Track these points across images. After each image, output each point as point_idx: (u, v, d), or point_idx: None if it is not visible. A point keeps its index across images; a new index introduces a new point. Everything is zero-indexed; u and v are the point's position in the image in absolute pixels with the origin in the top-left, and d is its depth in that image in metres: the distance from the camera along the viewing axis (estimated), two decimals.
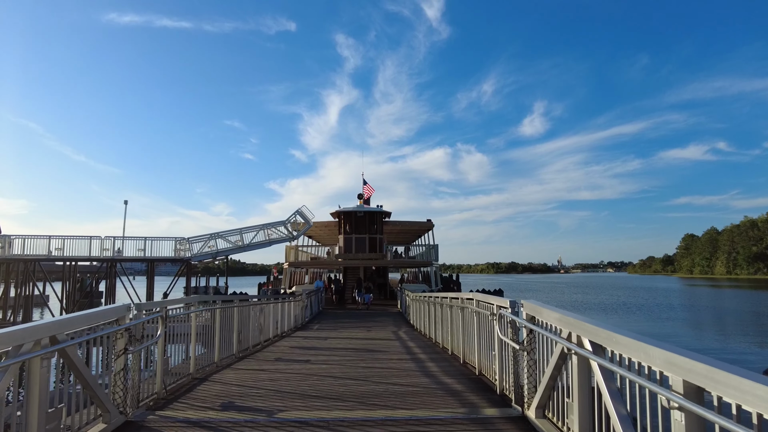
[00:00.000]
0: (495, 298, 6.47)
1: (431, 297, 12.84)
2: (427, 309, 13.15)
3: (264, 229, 29.21)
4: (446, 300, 10.10)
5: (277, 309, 13.92)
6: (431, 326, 12.38)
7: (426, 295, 14.06)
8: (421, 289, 26.70)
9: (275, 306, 13.69)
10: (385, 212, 30.37)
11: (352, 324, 18.30)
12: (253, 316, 11.31)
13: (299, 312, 17.71)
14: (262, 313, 11.98)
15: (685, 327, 31.92)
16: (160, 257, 27.76)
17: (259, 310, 11.79)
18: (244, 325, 10.41)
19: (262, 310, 11.94)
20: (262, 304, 12.11)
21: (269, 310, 12.88)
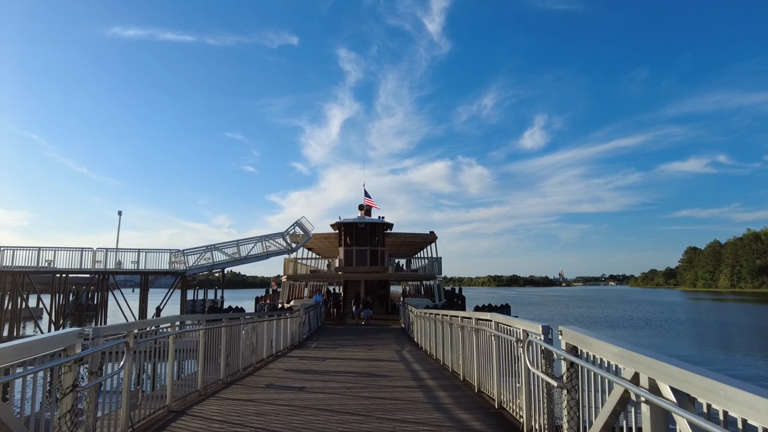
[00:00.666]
0: (520, 321, 5.54)
1: (438, 315, 11.87)
2: (434, 327, 12.17)
3: (262, 241, 28.30)
4: (456, 320, 9.14)
5: (272, 327, 12.95)
6: (438, 347, 11.40)
7: (432, 312, 13.08)
8: (424, 303, 25.68)
9: (269, 324, 12.73)
10: (386, 224, 29.45)
11: (352, 342, 17.30)
12: (244, 336, 10.34)
13: (296, 329, 16.72)
14: (255, 332, 11.01)
15: (704, 345, 30.68)
16: (154, 270, 26.80)
17: (251, 328, 10.82)
18: (233, 346, 9.46)
19: (255, 329, 10.97)
20: (255, 322, 11.14)
21: (263, 328, 11.92)
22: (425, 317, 14.28)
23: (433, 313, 12.68)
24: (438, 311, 12.13)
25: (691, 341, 32.20)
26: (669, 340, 32.64)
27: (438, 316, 11.59)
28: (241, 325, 10.05)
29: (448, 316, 10.22)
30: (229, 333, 9.27)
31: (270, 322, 12.89)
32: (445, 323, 10.41)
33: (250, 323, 10.78)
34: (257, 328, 11.33)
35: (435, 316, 12.18)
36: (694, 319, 49.64)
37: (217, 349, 8.62)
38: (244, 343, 10.42)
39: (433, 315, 12.35)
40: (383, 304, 32.70)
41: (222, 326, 8.77)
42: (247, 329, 10.59)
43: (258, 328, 11.42)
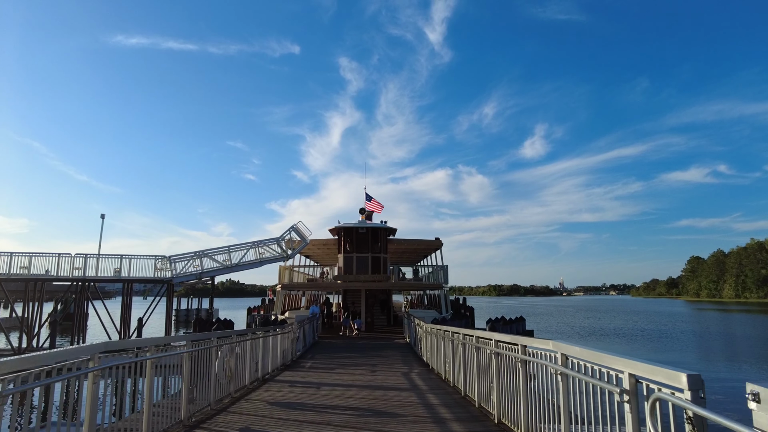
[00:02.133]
0: (615, 358, 3.55)
1: (455, 334, 9.84)
2: (449, 348, 10.14)
3: (255, 247, 26.27)
4: (488, 343, 7.12)
5: (257, 346, 10.90)
6: (458, 373, 9.37)
7: (445, 329, 11.04)
8: (430, 316, 23.60)
9: (255, 342, 10.68)
10: (389, 229, 27.41)
11: (352, 360, 15.24)
12: (219, 362, 8.32)
13: (288, 346, 14.65)
14: (233, 355, 8.97)
15: (738, 361, 28.55)
16: (138, 278, 24.74)
17: (229, 350, 8.79)
18: (201, 376, 7.43)
19: (233, 351, 8.93)
20: (234, 342, 9.10)
21: (246, 348, 9.88)
22: (436, 334, 12.25)
23: (448, 330, 10.64)
24: (454, 329, 10.08)
25: (729, 357, 30.08)
26: (698, 356, 30.55)
27: (457, 337, 9.55)
28: (215, 347, 8.02)
29: (473, 337, 8.18)
30: (196, 359, 7.25)
31: (256, 341, 10.85)
32: (469, 346, 8.38)
33: (227, 344, 8.74)
34: (238, 349, 9.29)
35: (452, 335, 10.14)
36: (713, 332, 47.38)
37: (176, 384, 6.61)
38: (219, 368, 8.39)
39: (450, 334, 10.30)
40: (385, 312, 30.58)
41: (183, 352, 6.74)
42: (223, 351, 8.57)
43: (239, 348, 9.39)
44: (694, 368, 2.85)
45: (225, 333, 8.94)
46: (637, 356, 3.41)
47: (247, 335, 10.07)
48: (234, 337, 9.08)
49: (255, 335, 10.55)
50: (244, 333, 10.04)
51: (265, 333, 11.71)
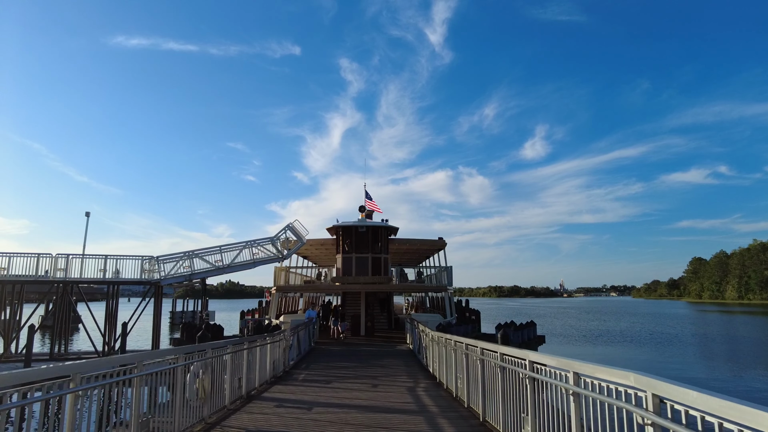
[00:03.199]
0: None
1: (470, 347, 8.42)
2: (464, 363, 8.71)
3: (249, 247, 24.81)
4: (522, 363, 5.69)
5: (241, 360, 9.48)
6: (476, 393, 7.95)
7: (458, 340, 9.60)
8: (434, 320, 22.17)
9: (238, 356, 9.26)
10: (391, 228, 25.95)
11: (350, 370, 13.84)
12: (190, 382, 6.92)
13: (280, 355, 13.23)
14: (209, 371, 7.55)
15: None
16: (124, 280, 23.30)
17: (203, 367, 7.37)
18: (162, 410, 6.01)
19: (208, 369, 7.51)
20: (211, 358, 7.68)
21: (225, 365, 8.47)
22: (445, 345, 10.84)
23: (461, 342, 9.22)
24: (469, 341, 8.65)
25: (746, 363, 28.65)
26: (717, 363, 29.13)
27: (474, 351, 8.11)
28: (182, 366, 6.59)
29: (495, 353, 6.74)
30: (155, 383, 5.84)
31: (240, 353, 9.43)
32: (491, 365, 6.95)
33: (200, 360, 7.32)
34: (214, 365, 7.88)
35: (465, 348, 8.72)
36: (722, 335, 45.88)
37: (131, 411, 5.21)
38: (190, 389, 6.99)
39: (463, 346, 8.87)
40: (385, 314, 29.12)
41: (134, 376, 5.32)
42: (194, 370, 7.16)
43: (216, 365, 7.98)
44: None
45: (198, 347, 7.50)
46: (656, 369, 2.21)
47: (227, 348, 8.64)
48: (209, 352, 7.64)
49: (237, 347, 9.11)
50: (224, 345, 8.61)
51: (251, 344, 10.27)
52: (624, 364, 19.99)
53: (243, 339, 9.88)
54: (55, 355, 21.43)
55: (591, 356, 30.53)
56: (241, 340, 9.86)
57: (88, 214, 24.42)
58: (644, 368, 14.09)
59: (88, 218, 24.44)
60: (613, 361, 28.55)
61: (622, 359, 29.69)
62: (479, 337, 22.82)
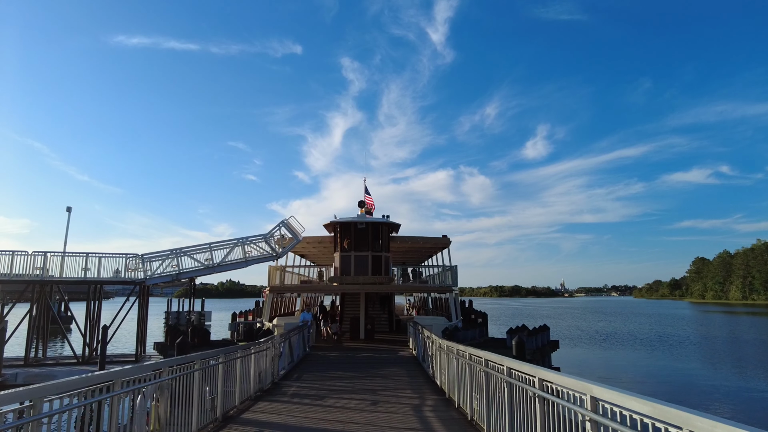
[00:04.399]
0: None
1: (492, 363, 6.87)
2: (483, 382, 7.17)
3: (241, 244, 23.27)
4: (575, 396, 4.13)
5: (215, 376, 7.95)
6: (501, 421, 6.40)
7: (476, 354, 8.04)
8: (439, 324, 20.63)
9: (210, 371, 7.73)
10: (392, 224, 24.35)
11: (347, 382, 12.32)
12: (138, 410, 5.39)
13: (268, 365, 11.70)
14: (165, 396, 6.01)
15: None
16: (107, 279, 21.74)
17: (157, 391, 5.83)
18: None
19: (165, 393, 5.97)
20: (166, 380, 6.13)
21: (193, 382, 6.93)
22: (456, 356, 9.31)
23: (480, 357, 7.67)
24: (492, 358, 7.08)
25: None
26: (741, 369, 27.59)
27: (498, 368, 6.54)
28: (119, 395, 5.04)
29: (534, 379, 5.18)
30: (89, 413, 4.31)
31: (213, 368, 7.91)
32: (525, 393, 5.40)
33: (155, 383, 5.79)
34: (175, 387, 6.34)
35: (485, 364, 7.17)
36: (735, 338, 44.26)
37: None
38: (139, 420, 5.46)
39: (483, 362, 7.32)
40: (385, 313, 27.58)
41: (44, 415, 3.77)
42: (149, 394, 5.63)
43: (177, 385, 6.45)
44: None
45: (155, 366, 5.94)
46: (683, 380, 0.84)
47: (194, 363, 7.10)
48: (167, 372, 6.09)
49: (205, 363, 7.55)
50: (191, 360, 7.06)
51: (229, 356, 8.73)
52: (644, 372, 18.38)
53: (218, 352, 8.33)
54: (31, 361, 19.93)
55: (609, 364, 29.10)
56: (216, 353, 8.33)
57: (69, 209, 22.90)
58: (670, 379, 12.11)
59: (70, 214, 22.94)
60: (632, 368, 27.05)
61: (641, 367, 28.18)
62: (488, 343, 21.30)
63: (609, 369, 26.64)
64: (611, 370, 25.99)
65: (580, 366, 26.75)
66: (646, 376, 24.43)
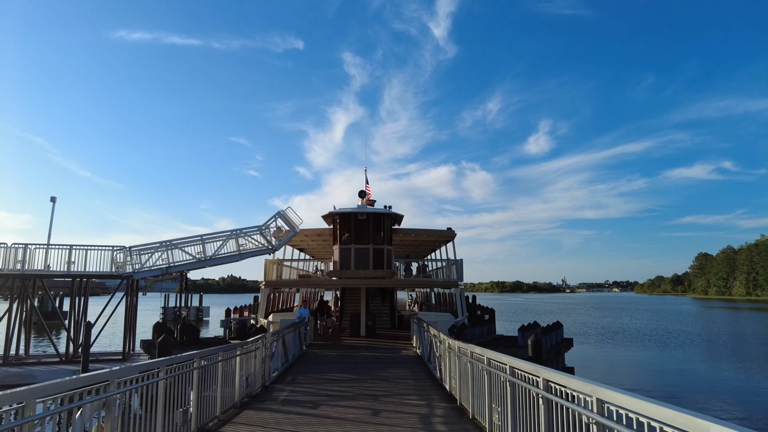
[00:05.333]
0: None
1: (520, 372, 5.62)
2: (505, 392, 5.94)
3: (234, 237, 22.04)
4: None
5: (187, 382, 6.72)
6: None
7: (496, 360, 6.79)
8: (444, 320, 19.43)
9: (181, 378, 6.51)
10: (395, 215, 23.07)
11: (346, 385, 11.12)
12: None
13: (257, 368, 10.49)
14: (113, 412, 4.77)
15: None
16: (92, 273, 20.53)
17: (103, 408, 4.60)
18: None
19: (112, 410, 4.73)
20: (116, 394, 4.89)
21: (157, 393, 5.71)
22: (471, 359, 8.09)
23: (504, 364, 6.43)
24: (518, 365, 5.83)
25: None
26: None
27: (530, 379, 5.29)
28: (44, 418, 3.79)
29: (590, 400, 3.93)
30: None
31: (183, 376, 6.69)
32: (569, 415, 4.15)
33: (100, 398, 4.55)
34: (129, 400, 5.11)
35: (509, 372, 5.93)
36: (747, 334, 43.01)
37: None
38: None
39: (508, 370, 6.07)
40: (387, 308, 26.39)
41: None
42: (88, 414, 4.39)
43: (137, 396, 5.22)
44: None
45: (98, 377, 4.68)
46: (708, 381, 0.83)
47: (156, 371, 5.86)
48: (114, 385, 4.83)
49: (173, 371, 6.31)
50: (151, 367, 5.82)
51: (207, 359, 7.50)
52: (670, 372, 16.70)
53: (193, 355, 7.10)
54: (11, 359, 18.78)
55: (627, 365, 27.58)
56: (191, 356, 7.10)
57: (53, 199, 21.68)
58: (693, 378, 10.20)
59: (54, 204, 21.75)
60: (653, 371, 25.35)
61: (667, 371, 26.70)
62: (497, 341, 20.10)
63: (629, 372, 24.61)
64: (633, 374, 23.88)
65: (597, 367, 25.13)
66: (676, 382, 21.90)
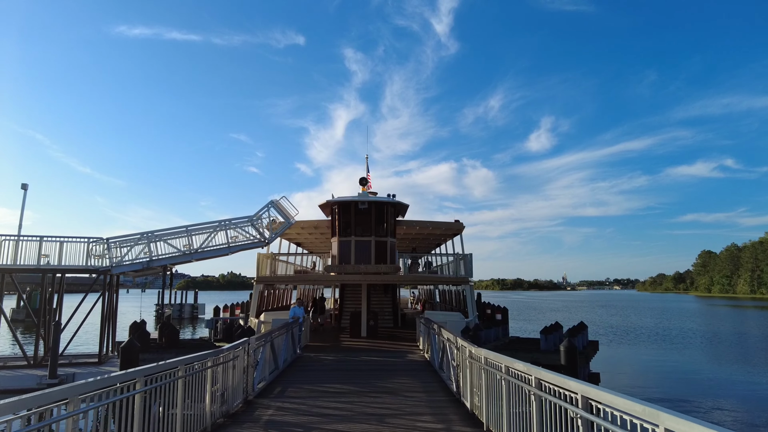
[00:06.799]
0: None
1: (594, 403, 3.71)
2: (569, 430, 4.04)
3: (224, 229, 20.15)
4: None
5: (136, 409, 4.83)
6: None
7: (556, 385, 4.88)
8: (453, 320, 17.54)
9: (112, 408, 4.61)
10: (399, 204, 21.14)
11: (344, 399, 9.25)
12: None
13: (237, 380, 8.61)
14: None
15: None
16: (67, 267, 18.64)
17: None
18: None
19: None
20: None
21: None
22: (506, 375, 6.22)
23: (566, 391, 4.53)
24: (594, 394, 3.92)
25: None
26: None
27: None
28: None
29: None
30: None
31: (110, 406, 4.80)
32: None
33: None
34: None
35: (583, 405, 4.02)
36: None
37: None
38: None
39: (575, 399, 4.16)
40: (389, 303, 24.49)
41: None
42: None
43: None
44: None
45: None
46: None
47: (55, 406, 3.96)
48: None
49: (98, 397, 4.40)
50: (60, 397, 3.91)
51: (162, 376, 5.61)
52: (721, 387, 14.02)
53: (134, 374, 5.21)
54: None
55: (656, 368, 25.01)
56: (132, 375, 5.21)
57: (24, 186, 19.82)
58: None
59: (26, 192, 19.88)
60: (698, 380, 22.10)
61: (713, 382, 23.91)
62: (513, 344, 18.25)
63: (668, 382, 20.72)
64: (676, 386, 19.89)
65: (624, 374, 22.22)
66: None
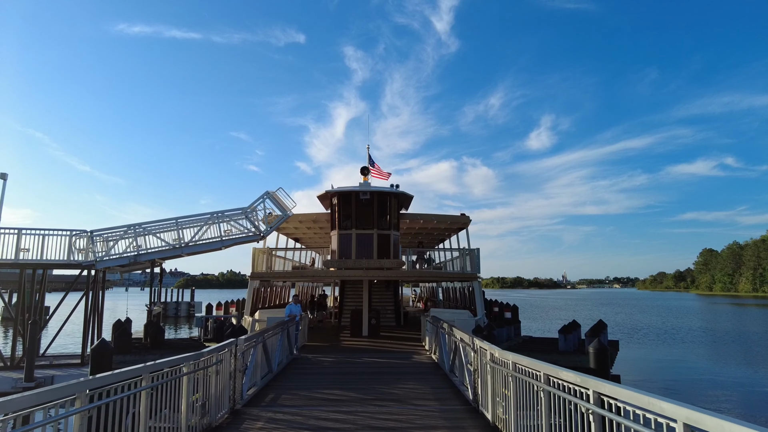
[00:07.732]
0: None
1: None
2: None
3: (217, 221, 18.95)
4: None
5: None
6: None
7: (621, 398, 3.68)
8: (461, 319, 16.36)
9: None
10: (403, 195, 19.91)
11: (344, 410, 8.06)
12: None
13: (222, 388, 7.41)
14: None
15: None
16: (49, 262, 17.46)
17: None
18: None
19: None
20: None
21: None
22: (548, 385, 5.05)
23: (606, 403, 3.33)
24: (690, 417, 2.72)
25: None
26: None
27: None
28: None
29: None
30: None
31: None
32: None
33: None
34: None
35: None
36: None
37: None
38: None
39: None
40: (392, 301, 23.34)
41: None
42: None
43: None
44: None
45: None
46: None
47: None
48: None
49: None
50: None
51: (131, 383, 4.42)
52: None
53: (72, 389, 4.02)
54: None
55: (679, 370, 23.75)
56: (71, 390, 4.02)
57: (3, 176, 18.57)
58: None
59: (5, 183, 18.62)
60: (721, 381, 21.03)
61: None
62: (527, 344, 17.11)
63: (699, 388, 18.93)
64: (713, 394, 18.04)
65: (647, 376, 20.71)
66: None
